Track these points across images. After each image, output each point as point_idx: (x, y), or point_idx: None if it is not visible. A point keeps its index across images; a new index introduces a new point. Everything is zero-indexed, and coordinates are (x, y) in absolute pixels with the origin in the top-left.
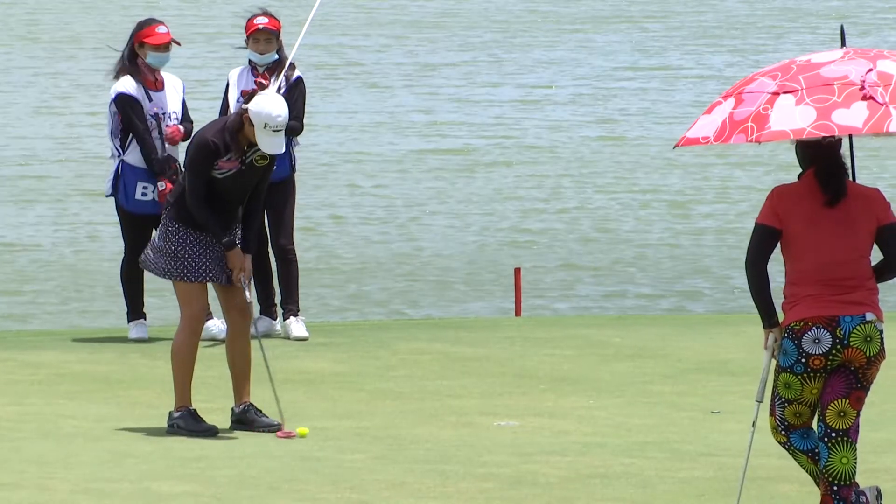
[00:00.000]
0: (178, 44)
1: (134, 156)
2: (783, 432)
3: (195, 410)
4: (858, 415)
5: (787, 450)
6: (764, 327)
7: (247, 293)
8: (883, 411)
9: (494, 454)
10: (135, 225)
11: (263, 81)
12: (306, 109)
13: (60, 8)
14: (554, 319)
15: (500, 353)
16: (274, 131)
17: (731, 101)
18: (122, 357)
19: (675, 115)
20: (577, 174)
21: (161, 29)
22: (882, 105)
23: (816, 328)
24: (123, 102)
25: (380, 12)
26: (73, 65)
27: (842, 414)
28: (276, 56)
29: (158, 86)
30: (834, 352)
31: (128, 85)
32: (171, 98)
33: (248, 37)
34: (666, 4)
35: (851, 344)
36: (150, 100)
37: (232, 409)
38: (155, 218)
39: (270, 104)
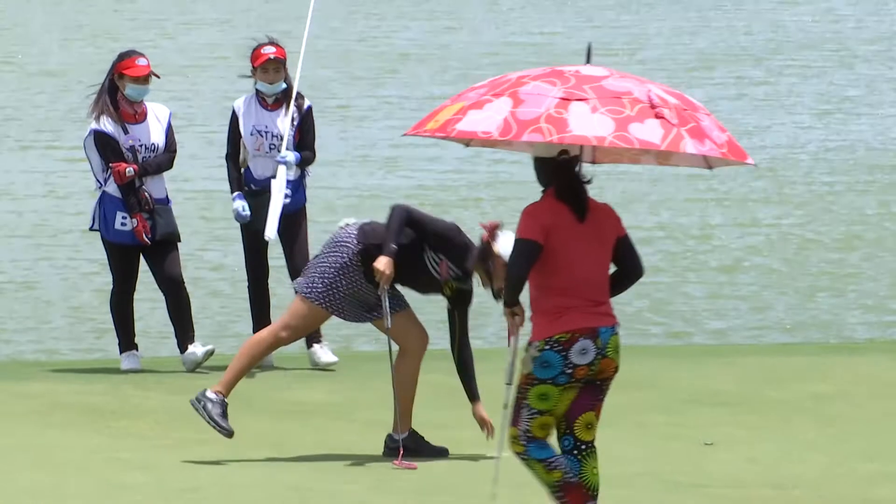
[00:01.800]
0: (157, 76)
1: (113, 186)
2: (523, 443)
3: (223, 408)
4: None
5: (523, 460)
6: (509, 305)
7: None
8: (875, 443)
9: (488, 485)
10: (118, 255)
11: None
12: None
13: (42, 41)
14: None
15: (494, 384)
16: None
17: (508, 100)
18: (114, 388)
19: None
20: None
21: (141, 61)
22: (674, 126)
23: (584, 339)
24: (99, 140)
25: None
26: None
27: (589, 426)
28: (284, 85)
29: (138, 118)
30: (595, 362)
31: (103, 122)
32: (154, 129)
33: (256, 67)
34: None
35: (608, 354)
36: (126, 132)
37: (390, 436)
38: (137, 249)
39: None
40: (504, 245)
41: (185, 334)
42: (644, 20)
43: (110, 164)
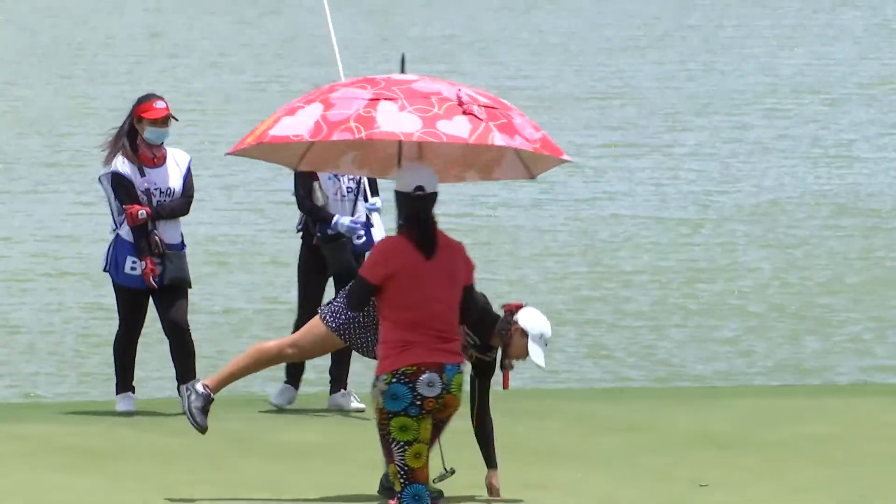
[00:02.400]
0: (176, 119)
1: (127, 229)
2: (402, 481)
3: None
4: None
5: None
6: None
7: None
8: (873, 485)
9: None
10: (125, 298)
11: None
12: None
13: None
14: (541, 392)
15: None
16: (545, 343)
17: (319, 105)
18: (109, 429)
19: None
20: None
21: (159, 104)
22: (482, 121)
23: (430, 372)
24: (115, 181)
25: None
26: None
27: (417, 455)
28: None
29: (157, 161)
30: (442, 396)
31: (119, 163)
32: (172, 174)
33: None
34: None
35: (452, 391)
36: (143, 175)
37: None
38: (146, 292)
39: (543, 319)
40: (530, 318)
41: (185, 379)
42: (634, 64)
43: (124, 206)
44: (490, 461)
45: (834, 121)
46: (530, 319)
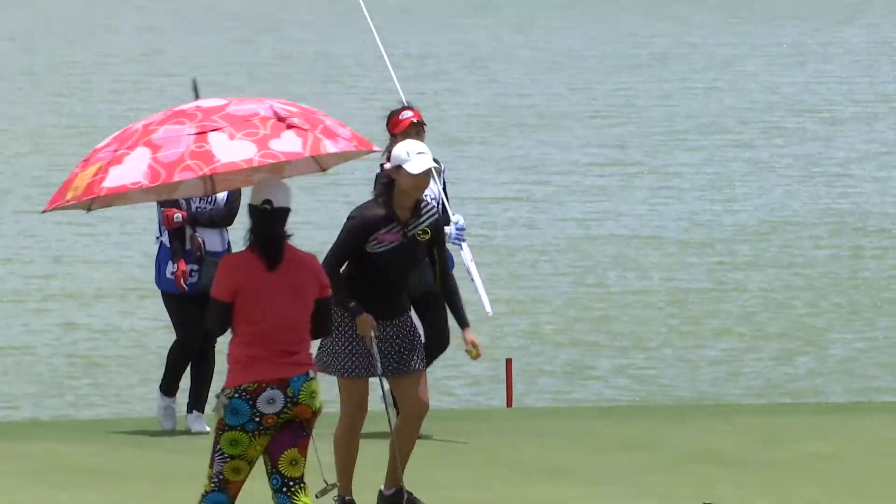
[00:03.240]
0: None
1: (168, 237)
2: (213, 485)
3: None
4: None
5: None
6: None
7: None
8: (876, 502)
9: None
10: (170, 304)
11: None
12: None
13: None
14: (545, 410)
15: (491, 444)
16: (418, 153)
17: (145, 149)
18: (110, 448)
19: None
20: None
21: None
22: (307, 131)
23: (271, 389)
24: None
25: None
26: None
27: (294, 462)
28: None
29: None
30: (285, 410)
31: None
32: None
33: (396, 134)
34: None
35: (301, 401)
36: None
37: (380, 492)
38: (191, 298)
39: (403, 143)
40: (398, 156)
41: (197, 398)
42: (633, 83)
43: (162, 208)
44: (462, 320)
45: (833, 140)
46: (395, 150)
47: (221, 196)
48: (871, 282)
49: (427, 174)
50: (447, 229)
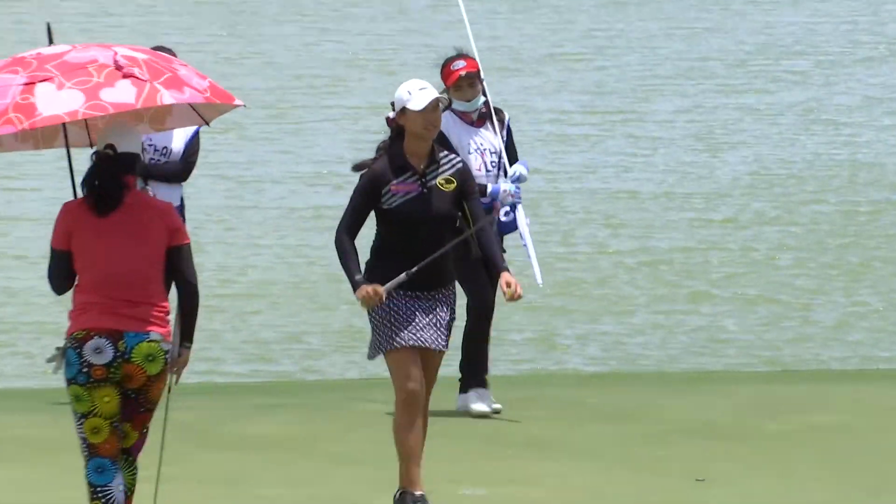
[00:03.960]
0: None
1: None
2: (85, 454)
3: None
4: (143, 435)
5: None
6: None
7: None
8: (881, 476)
9: None
10: None
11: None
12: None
13: None
14: (525, 378)
15: (467, 415)
16: (420, 89)
17: None
18: (56, 420)
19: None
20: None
21: None
22: (146, 81)
23: (99, 338)
24: None
25: None
26: None
27: (124, 435)
28: (483, 98)
29: None
30: (115, 365)
31: None
32: (176, 134)
33: (448, 87)
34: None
35: (133, 360)
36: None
37: (395, 497)
38: None
39: (404, 83)
40: (399, 98)
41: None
42: (623, 21)
43: None
44: (497, 265)
45: (833, 85)
46: (406, 94)
47: (177, 149)
48: (866, 239)
49: (435, 108)
50: (503, 185)
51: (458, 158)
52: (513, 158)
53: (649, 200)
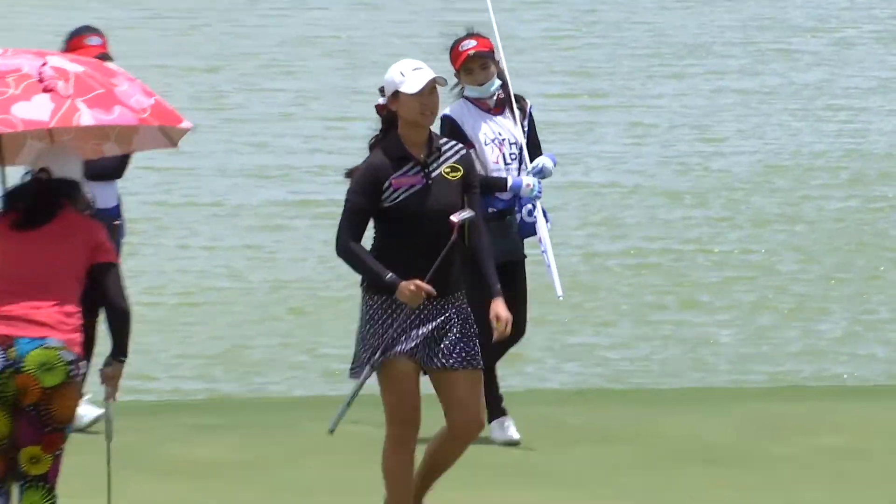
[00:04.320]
0: (112, 59)
1: None
2: None
3: None
4: (57, 458)
5: None
6: None
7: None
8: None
9: None
10: None
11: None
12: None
13: None
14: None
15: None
16: (414, 70)
17: None
18: None
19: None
20: None
21: (92, 40)
22: (66, 98)
23: None
24: None
25: None
26: None
27: (34, 460)
28: (499, 81)
29: None
30: (6, 375)
31: None
32: None
33: (458, 69)
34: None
35: (25, 370)
36: None
37: None
38: None
39: (396, 64)
40: (391, 80)
41: None
42: None
43: None
44: (491, 287)
45: (845, 66)
46: (396, 75)
47: None
48: (879, 240)
49: (432, 91)
50: (525, 178)
51: (459, 144)
52: (535, 152)
53: (635, 195)
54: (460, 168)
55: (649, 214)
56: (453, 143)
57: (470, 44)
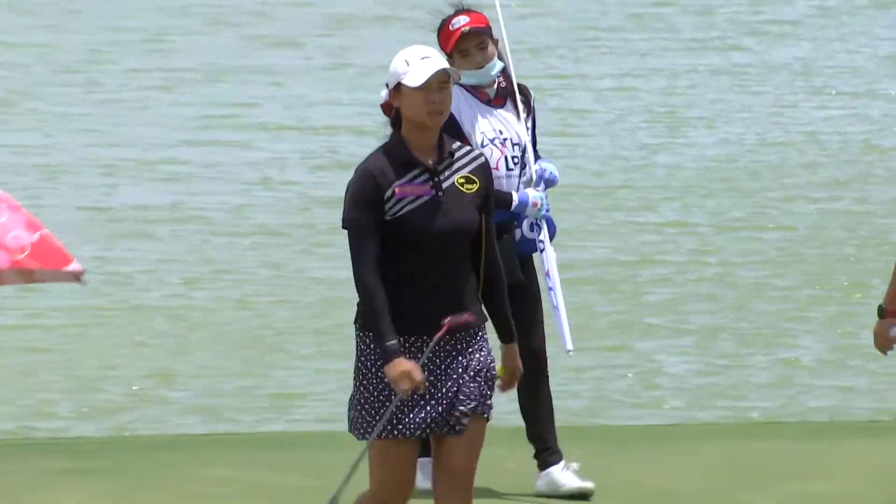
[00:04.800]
0: None
1: None
2: None
3: None
4: None
5: None
6: None
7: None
8: None
9: None
10: None
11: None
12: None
13: None
14: None
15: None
16: (422, 58)
17: None
18: None
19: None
20: None
21: None
22: None
23: None
24: None
25: None
26: None
27: None
28: (502, 64)
29: None
30: None
31: None
32: None
33: (449, 52)
34: None
35: None
36: None
37: None
38: None
39: (403, 51)
40: (394, 71)
41: None
42: None
43: None
44: (505, 331)
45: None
46: (391, 67)
47: None
48: (863, 250)
49: (442, 85)
50: (532, 193)
51: (478, 151)
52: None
53: (573, 196)
54: (476, 179)
55: (584, 220)
56: (468, 148)
57: (462, 20)
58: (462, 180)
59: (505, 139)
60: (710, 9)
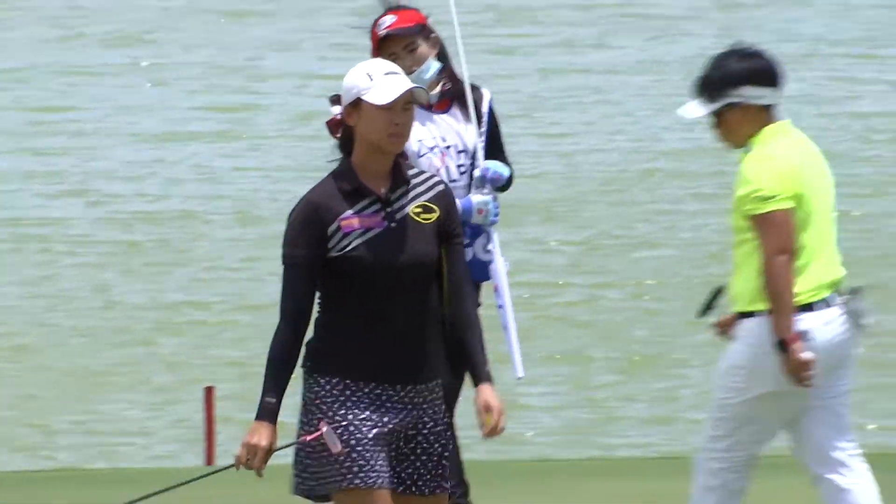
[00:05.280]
0: None
1: None
2: None
3: None
4: None
5: None
6: None
7: None
8: None
9: None
10: None
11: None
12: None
13: None
14: None
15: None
16: (387, 74)
17: None
18: None
19: None
20: None
21: None
22: None
23: None
24: None
25: None
26: None
27: None
28: (438, 65)
29: None
30: None
31: None
32: None
33: (376, 56)
34: None
35: None
36: None
37: None
38: None
39: (361, 64)
40: (352, 86)
41: None
42: None
43: None
44: (478, 373)
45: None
46: (345, 80)
47: None
48: None
49: (406, 105)
50: (475, 198)
51: (437, 178)
52: (500, 159)
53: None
54: (435, 208)
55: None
56: (428, 174)
57: (388, 20)
58: (419, 209)
59: (448, 146)
60: None
